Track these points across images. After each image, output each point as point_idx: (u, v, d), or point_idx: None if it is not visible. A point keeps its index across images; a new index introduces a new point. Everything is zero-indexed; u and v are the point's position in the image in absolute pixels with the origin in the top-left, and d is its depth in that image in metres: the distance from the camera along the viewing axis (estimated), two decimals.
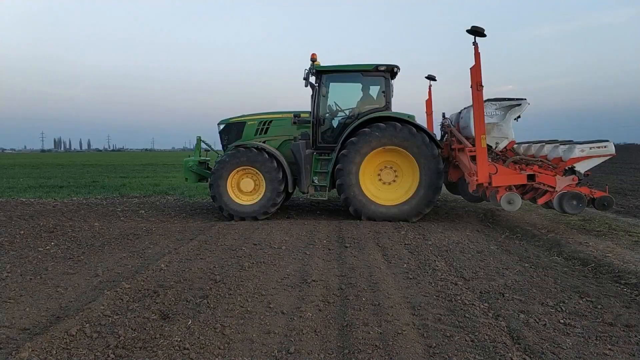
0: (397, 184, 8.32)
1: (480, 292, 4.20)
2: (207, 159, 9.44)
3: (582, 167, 7.07)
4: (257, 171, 8.23)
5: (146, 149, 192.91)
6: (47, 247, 5.94)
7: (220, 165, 8.26)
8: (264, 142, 8.80)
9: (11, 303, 3.89)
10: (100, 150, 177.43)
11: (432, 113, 11.26)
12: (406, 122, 8.09)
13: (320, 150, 8.62)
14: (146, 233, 7.01)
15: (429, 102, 11.29)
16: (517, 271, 4.91)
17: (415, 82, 11.54)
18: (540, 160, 7.51)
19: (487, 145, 7.34)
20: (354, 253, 5.65)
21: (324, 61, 8.63)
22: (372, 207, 8.09)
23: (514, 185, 7.28)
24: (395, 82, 8.93)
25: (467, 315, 3.61)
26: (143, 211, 9.47)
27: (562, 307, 3.82)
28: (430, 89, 11.12)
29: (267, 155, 8.18)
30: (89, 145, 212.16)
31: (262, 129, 9.11)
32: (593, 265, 5.16)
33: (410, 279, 4.64)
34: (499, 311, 3.72)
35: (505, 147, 8.29)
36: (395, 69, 8.53)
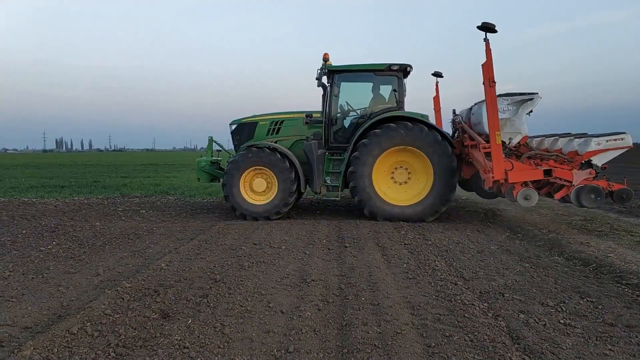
0: (411, 184, 8.24)
1: (480, 292, 4.20)
2: (218, 159, 9.47)
3: (598, 161, 6.94)
4: (270, 171, 8.23)
5: (147, 149, 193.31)
6: (49, 247, 5.96)
7: (233, 165, 8.27)
8: (275, 142, 8.79)
9: (13, 302, 3.91)
10: (102, 151, 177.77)
11: (440, 110, 11.17)
12: (418, 121, 8.02)
13: (332, 150, 8.58)
14: (147, 233, 7.03)
15: (436, 99, 11.16)
16: (517, 271, 4.91)
17: (420, 79, 11.46)
18: (555, 155, 7.37)
19: (501, 141, 7.25)
20: (353, 253, 5.66)
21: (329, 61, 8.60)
22: (387, 208, 8.02)
23: (530, 181, 7.21)
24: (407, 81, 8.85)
25: (466, 315, 3.61)
26: (144, 211, 9.50)
27: (563, 307, 3.81)
28: (437, 85, 11.00)
29: (279, 156, 8.17)
30: (90, 145, 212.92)
31: (273, 129, 9.10)
32: (594, 265, 5.15)
33: (410, 278, 4.64)
34: (499, 311, 3.72)
35: (518, 142, 8.16)
36: (408, 68, 8.45)
